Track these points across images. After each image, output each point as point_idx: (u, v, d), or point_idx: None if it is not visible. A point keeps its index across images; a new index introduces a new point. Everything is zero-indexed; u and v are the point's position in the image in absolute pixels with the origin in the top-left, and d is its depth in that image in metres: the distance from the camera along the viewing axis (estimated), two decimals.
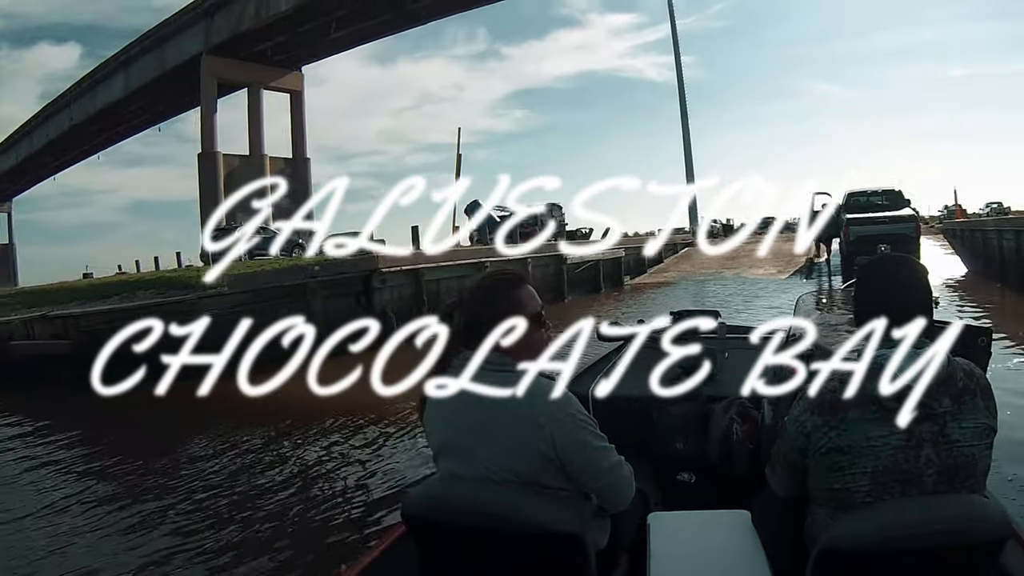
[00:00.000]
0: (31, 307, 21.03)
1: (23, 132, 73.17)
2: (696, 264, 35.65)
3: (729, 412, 3.06)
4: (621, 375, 3.90)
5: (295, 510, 6.61)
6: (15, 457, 9.79)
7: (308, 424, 10.00)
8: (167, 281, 19.23)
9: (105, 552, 5.85)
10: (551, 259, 26.00)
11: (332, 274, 17.17)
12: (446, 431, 2.13)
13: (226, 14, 44.71)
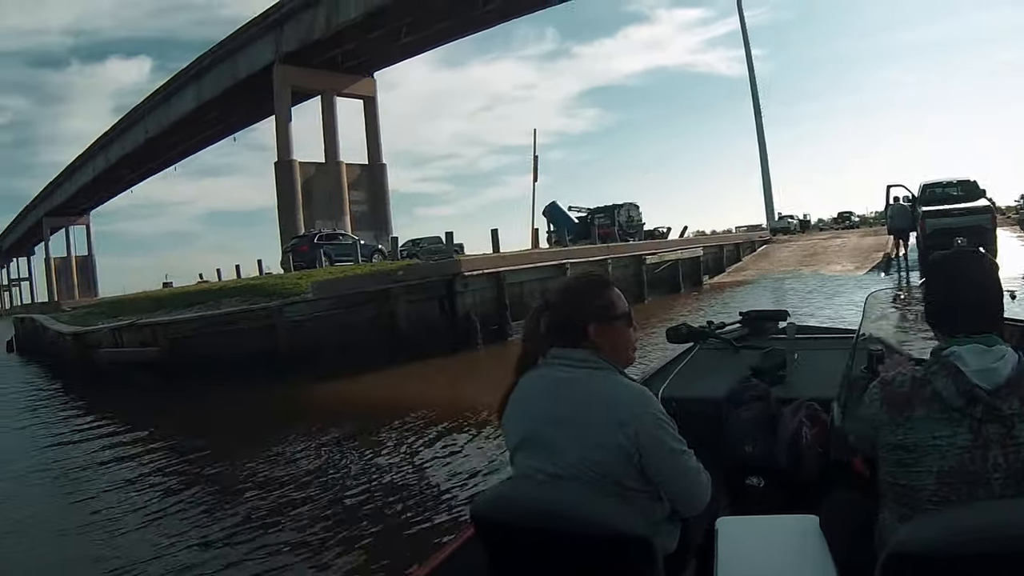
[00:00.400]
0: (116, 316, 21.81)
1: (99, 146, 75.32)
2: (774, 262, 35.42)
3: (798, 415, 3.00)
4: (690, 377, 3.89)
5: (368, 510, 6.78)
6: (117, 457, 10.20)
7: (387, 425, 10.18)
8: (251, 288, 19.79)
9: (186, 541, 6.30)
10: (630, 259, 26.02)
11: (415, 279, 17.29)
12: (529, 424, 2.16)
13: (296, 24, 45.21)
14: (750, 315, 4.61)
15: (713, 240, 39.06)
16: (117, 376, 17.23)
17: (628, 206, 37.68)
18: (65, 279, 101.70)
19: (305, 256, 29.40)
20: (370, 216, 48.82)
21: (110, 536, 6.70)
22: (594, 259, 23.39)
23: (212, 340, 16.20)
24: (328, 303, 16.49)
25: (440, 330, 17.22)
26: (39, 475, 9.54)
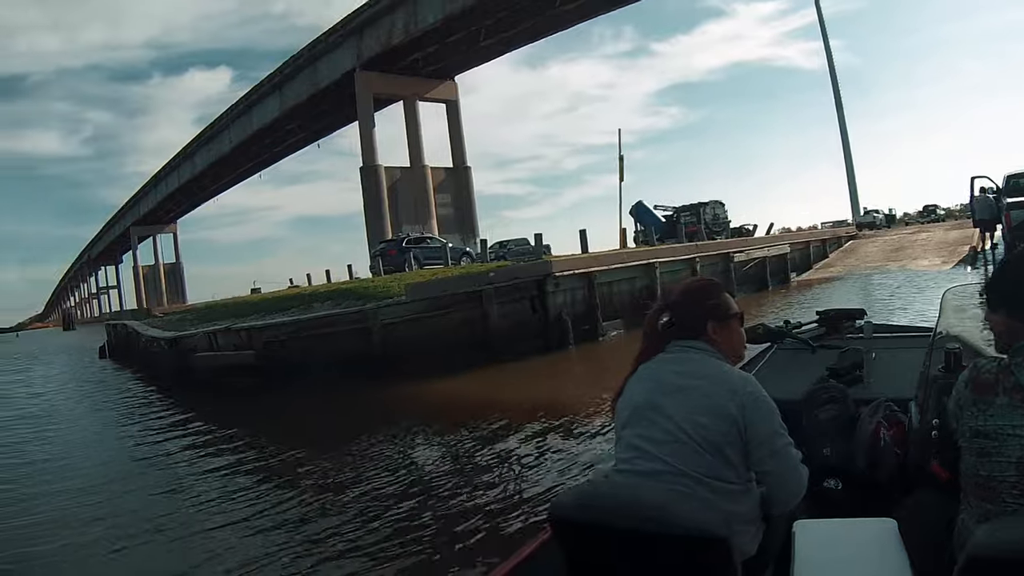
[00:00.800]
0: (209, 321, 22.52)
1: (184, 155, 77.54)
2: (860, 258, 35.10)
3: (876, 416, 3.00)
4: (767, 379, 3.57)
5: (451, 509, 6.95)
6: (213, 456, 10.66)
7: (478, 425, 10.32)
8: (343, 292, 20.40)
9: (275, 539, 6.61)
10: (718, 257, 26.04)
11: (507, 280, 17.58)
12: (644, 395, 2.27)
13: (375, 30, 45.72)
14: (827, 314, 4.65)
15: (799, 237, 38.83)
16: (212, 379, 17.81)
17: (713, 204, 37.59)
18: (154, 286, 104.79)
19: (394, 260, 29.98)
20: (456, 219, 49.28)
21: (208, 531, 7.10)
22: (682, 258, 23.49)
23: (306, 343, 16.59)
24: (421, 305, 16.87)
25: (532, 330, 17.48)
26: (140, 476, 9.97)
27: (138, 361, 28.38)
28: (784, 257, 31.59)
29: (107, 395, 20.73)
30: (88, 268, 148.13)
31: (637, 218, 36.00)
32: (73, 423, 15.62)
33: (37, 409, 18.92)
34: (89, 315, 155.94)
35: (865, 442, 2.92)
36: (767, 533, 2.29)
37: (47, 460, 11.42)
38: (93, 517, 7.84)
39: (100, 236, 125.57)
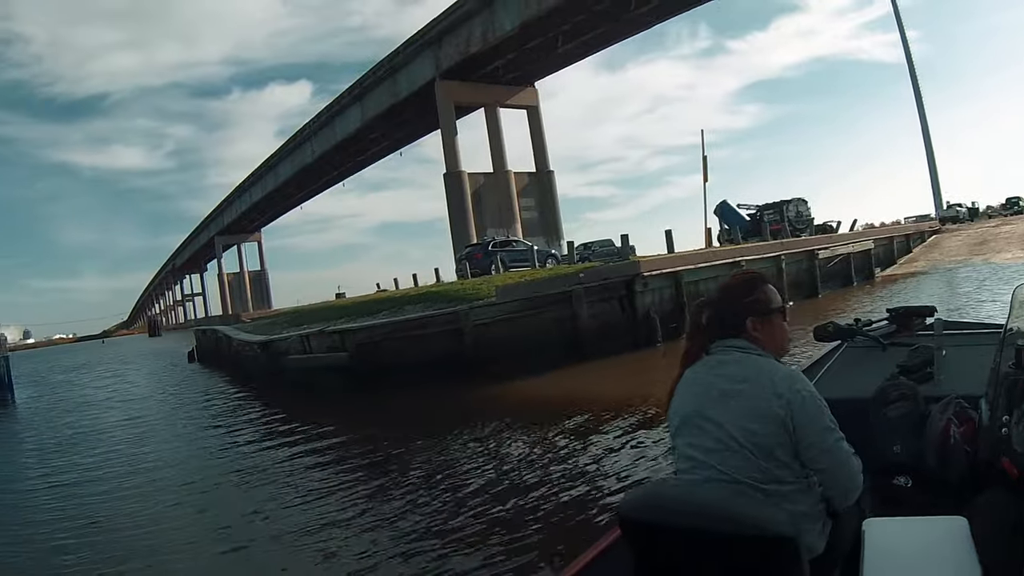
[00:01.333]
0: (299, 325, 23.34)
1: (267, 166, 79.71)
2: (944, 252, 34.99)
3: (946, 413, 2.95)
4: (838, 376, 3.92)
5: (531, 504, 7.16)
6: (310, 454, 11.21)
7: (566, 423, 10.63)
8: (432, 295, 21.03)
9: (360, 534, 7.02)
10: (803, 254, 26.16)
11: (596, 280, 18.04)
12: (692, 403, 2.32)
13: (453, 39, 46.27)
14: (897, 311, 4.68)
15: (883, 232, 38.53)
16: (305, 380, 18.52)
17: (796, 201, 37.29)
18: (238, 293, 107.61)
19: (480, 263, 30.53)
20: (540, 222, 49.52)
21: (310, 526, 7.44)
22: (767, 255, 23.76)
23: (399, 344, 16.96)
24: (512, 306, 17.37)
25: (621, 329, 17.88)
26: (241, 473, 10.46)
27: (228, 365, 29.40)
28: (868, 253, 31.45)
29: (201, 397, 21.76)
30: (173, 276, 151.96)
31: (722, 217, 35.90)
32: (175, 425, 16.43)
33: (139, 410, 19.95)
34: (174, 322, 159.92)
35: (935, 440, 2.91)
36: (835, 531, 2.32)
37: (155, 460, 12.10)
38: (200, 514, 8.49)
39: (185, 245, 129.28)
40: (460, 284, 23.84)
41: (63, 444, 14.94)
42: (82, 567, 6.76)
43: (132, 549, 7.11)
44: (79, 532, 7.97)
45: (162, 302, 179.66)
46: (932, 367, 3.64)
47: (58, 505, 9.57)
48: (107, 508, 9.01)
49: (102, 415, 19.81)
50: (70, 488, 10.50)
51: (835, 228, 37.34)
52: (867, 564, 2.20)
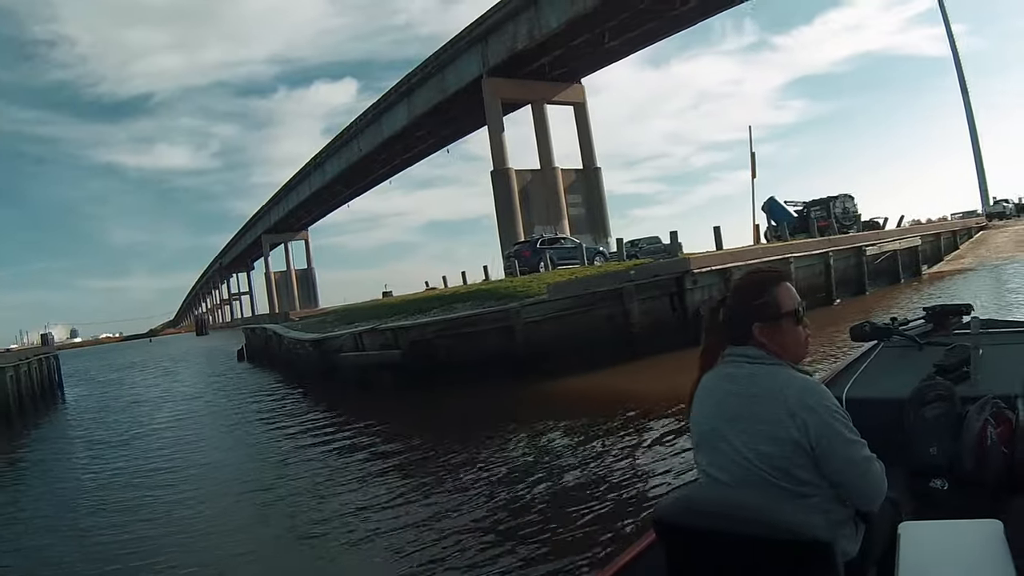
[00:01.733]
0: (350, 323, 23.84)
1: (314, 164, 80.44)
2: (991, 249, 34.89)
3: (983, 414, 2.91)
4: (874, 377, 3.92)
5: (568, 505, 7.23)
6: (365, 446, 11.72)
7: (615, 421, 10.75)
8: (483, 293, 21.28)
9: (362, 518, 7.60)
10: (851, 251, 26.05)
11: (647, 277, 18.24)
12: (707, 422, 2.28)
13: (499, 37, 46.53)
14: (934, 310, 4.63)
15: (930, 228, 38.13)
16: (358, 377, 18.96)
17: (843, 197, 37.03)
18: (285, 291, 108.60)
19: (528, 260, 30.83)
20: (587, 219, 49.75)
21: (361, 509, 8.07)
22: (815, 252, 23.77)
23: (451, 342, 17.41)
24: (564, 303, 17.51)
25: (671, 327, 17.90)
26: (299, 464, 11.04)
27: (278, 363, 30.07)
28: (915, 250, 31.33)
29: (253, 396, 22.18)
30: (220, 275, 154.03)
31: (770, 214, 35.82)
32: (229, 423, 16.82)
33: (191, 409, 20.59)
34: (221, 320, 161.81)
35: (972, 441, 2.87)
36: (870, 535, 2.30)
37: (211, 461, 12.37)
38: (261, 513, 8.66)
39: (232, 244, 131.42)
40: (510, 282, 23.94)
41: (114, 443, 15.33)
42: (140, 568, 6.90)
43: (191, 551, 7.25)
44: (137, 531, 8.22)
45: (209, 301, 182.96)
46: (969, 367, 3.63)
47: (117, 499, 9.96)
48: (165, 508, 9.19)
49: (154, 413, 20.58)
50: (128, 487, 10.78)
51: (882, 224, 37.10)
52: (902, 568, 2.19)
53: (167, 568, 6.86)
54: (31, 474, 13.22)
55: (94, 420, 20.67)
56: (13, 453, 15.62)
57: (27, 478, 12.86)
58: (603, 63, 50.82)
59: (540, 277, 23.39)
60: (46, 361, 32.08)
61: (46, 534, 8.67)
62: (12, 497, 11.20)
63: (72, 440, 17.03)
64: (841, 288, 23.88)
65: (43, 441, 17.61)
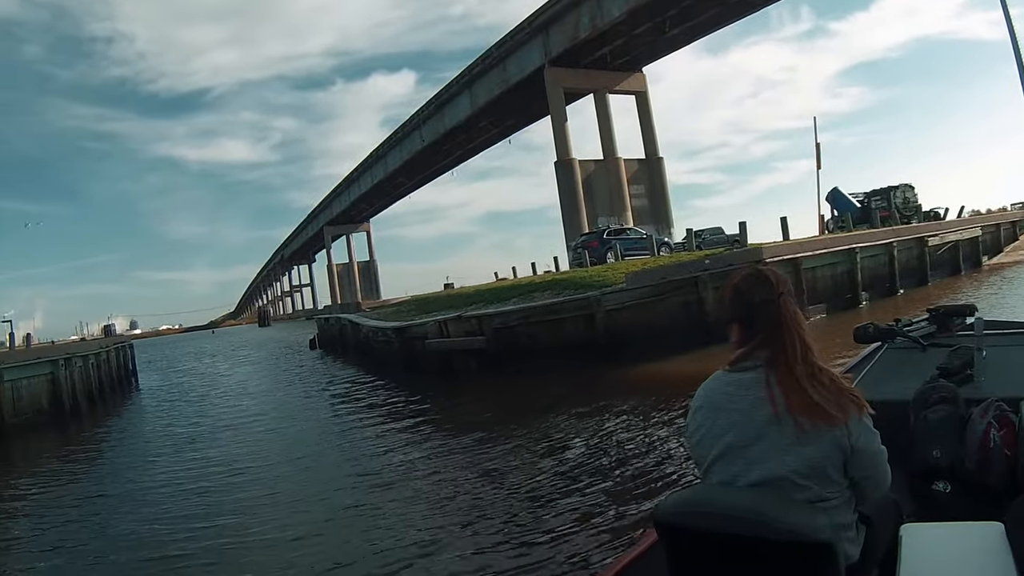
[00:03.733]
0: (427, 312, 24.61)
1: (376, 156, 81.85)
2: None
3: (987, 416, 2.97)
4: (878, 378, 3.94)
5: (638, 485, 7.45)
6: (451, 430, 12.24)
7: (679, 404, 10.85)
8: (560, 283, 21.92)
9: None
10: (913, 242, 26.24)
11: (721, 266, 18.61)
12: (735, 432, 2.19)
13: (560, 26, 46.80)
14: (938, 311, 4.70)
15: (990, 219, 37.87)
16: (442, 364, 19.62)
17: (903, 187, 36.58)
18: (348, 283, 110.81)
19: (596, 251, 31.41)
20: (650, 210, 50.44)
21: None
22: (879, 243, 24.02)
23: (533, 329, 18.22)
24: (641, 292, 18.08)
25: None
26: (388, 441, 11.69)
27: (352, 351, 31.27)
28: (976, 240, 31.24)
29: (335, 382, 23.01)
30: (281, 268, 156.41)
31: (833, 204, 35.83)
32: (316, 410, 17.49)
33: (271, 396, 21.63)
34: (282, 312, 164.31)
35: (975, 444, 2.92)
36: (872, 537, 2.30)
37: (304, 450, 12.35)
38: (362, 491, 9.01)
39: (293, 237, 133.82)
40: (585, 271, 24.51)
41: (195, 435, 15.62)
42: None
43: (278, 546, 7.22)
44: (220, 522, 8.24)
45: (269, 293, 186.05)
46: (972, 368, 3.72)
47: (202, 488, 10.17)
48: (250, 497, 9.28)
49: (237, 402, 21.37)
50: (224, 475, 10.94)
51: (942, 215, 36.94)
52: (904, 570, 2.23)
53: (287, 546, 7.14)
54: (116, 458, 14.14)
55: (170, 408, 21.89)
56: (102, 440, 16.61)
57: (112, 462, 13.68)
58: (664, 52, 50.79)
59: (614, 267, 24.03)
60: (122, 350, 33.85)
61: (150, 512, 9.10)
62: (98, 479, 12.07)
63: (149, 428, 17.88)
64: (904, 278, 24.19)
65: (131, 428, 18.58)
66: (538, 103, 50.98)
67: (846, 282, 21.63)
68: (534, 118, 58.68)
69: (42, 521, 9.26)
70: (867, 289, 22.03)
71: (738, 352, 2.27)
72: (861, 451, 2.12)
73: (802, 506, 2.05)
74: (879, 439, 2.19)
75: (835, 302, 20.70)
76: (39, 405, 20.48)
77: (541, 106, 50.87)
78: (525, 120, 61.17)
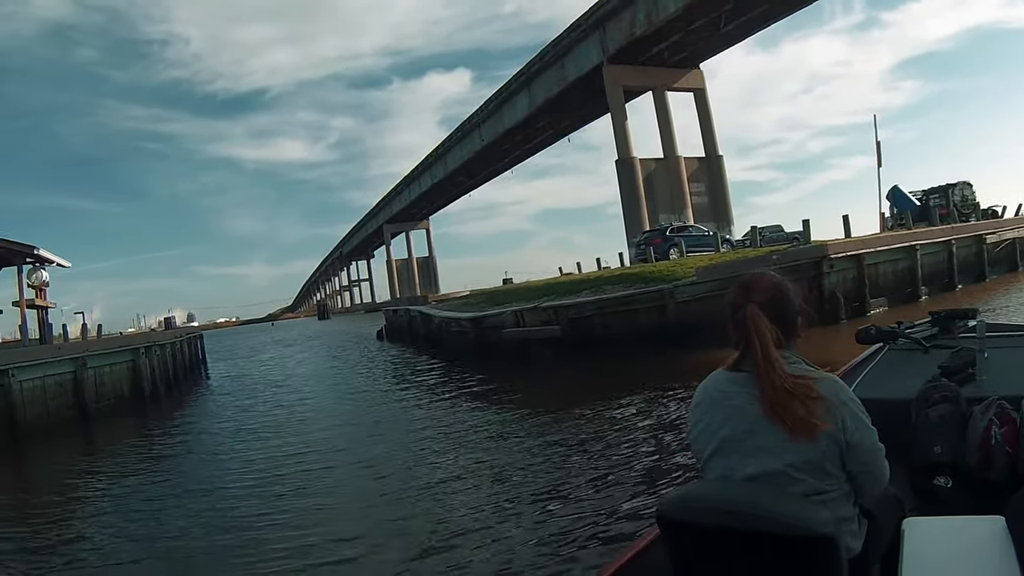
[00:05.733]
0: (499, 303, 25.25)
1: (436, 156, 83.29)
2: None
3: (988, 414, 3.02)
4: (880, 378, 4.02)
5: (579, 494, 7.47)
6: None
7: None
8: (629, 276, 22.69)
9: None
10: (971, 239, 26.19)
11: (788, 261, 19.30)
12: (730, 426, 2.24)
13: (616, 23, 47.31)
14: (939, 314, 4.80)
15: None
16: (518, 352, 20.26)
17: (961, 185, 36.08)
18: (407, 279, 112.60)
19: (659, 248, 31.93)
20: (710, 207, 50.82)
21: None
22: (939, 240, 24.15)
23: (608, 319, 19.09)
24: (711, 285, 18.48)
25: (809, 307, 18.69)
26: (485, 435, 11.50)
27: (421, 341, 32.10)
28: None
29: (413, 371, 23.40)
30: (339, 263, 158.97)
31: (893, 202, 35.93)
32: (397, 398, 17.51)
33: (348, 385, 22.11)
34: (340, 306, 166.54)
35: (977, 441, 2.97)
36: (874, 531, 2.31)
37: (394, 439, 12.20)
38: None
39: (352, 234, 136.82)
40: (654, 267, 25.15)
41: (278, 422, 15.81)
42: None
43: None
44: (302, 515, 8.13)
45: (327, 287, 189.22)
46: (974, 368, 3.80)
47: (277, 477, 10.23)
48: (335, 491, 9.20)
49: (319, 390, 22.02)
50: (301, 465, 10.87)
51: (1000, 213, 36.69)
52: (906, 564, 2.24)
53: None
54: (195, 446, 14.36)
55: (246, 396, 22.36)
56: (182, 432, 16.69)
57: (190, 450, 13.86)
58: (720, 48, 51.17)
59: (681, 262, 24.66)
60: (193, 340, 35.10)
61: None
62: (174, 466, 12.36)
63: (221, 418, 18.02)
64: (963, 274, 24.35)
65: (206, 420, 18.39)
66: (596, 101, 51.46)
67: (907, 277, 22.01)
68: (591, 117, 59.29)
69: (132, 506, 9.42)
70: (927, 284, 22.28)
71: (737, 353, 2.35)
72: (856, 446, 2.18)
73: (804, 500, 2.10)
74: (876, 435, 2.25)
75: (896, 296, 21.14)
76: (120, 392, 21.25)
77: (599, 104, 51.43)
78: (582, 119, 61.73)
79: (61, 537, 8.30)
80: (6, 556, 7.76)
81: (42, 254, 26.16)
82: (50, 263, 27.22)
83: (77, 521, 9.02)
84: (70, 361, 19.13)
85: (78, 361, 19.27)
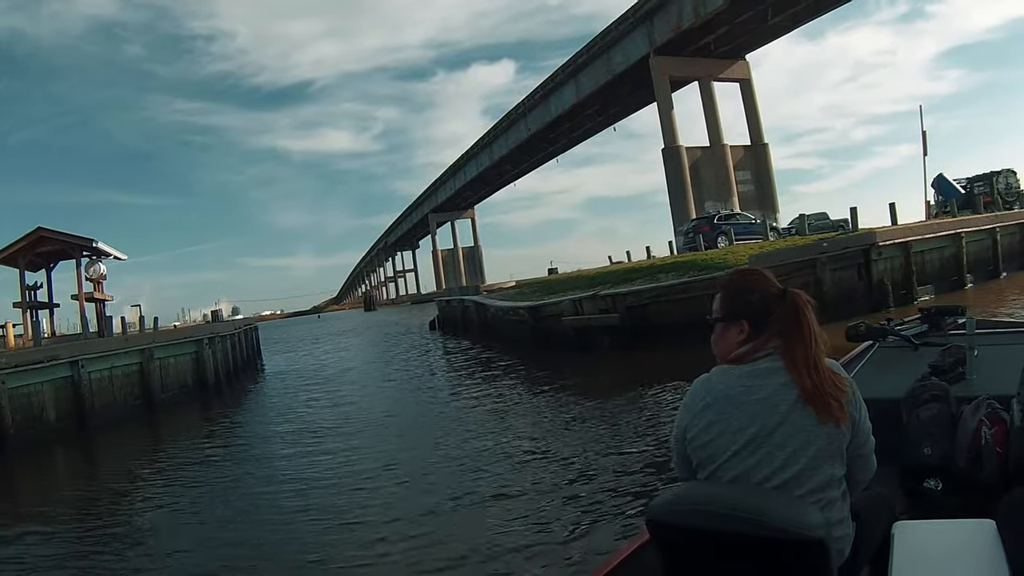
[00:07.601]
0: (553, 293, 25.75)
1: (482, 145, 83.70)
2: None
3: (978, 414, 2.99)
4: (869, 377, 3.96)
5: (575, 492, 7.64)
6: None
7: None
8: (684, 264, 22.99)
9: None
10: (1016, 227, 26.16)
11: (837, 249, 19.83)
12: (760, 422, 2.17)
13: (664, 15, 47.58)
14: (929, 311, 4.82)
15: None
16: (576, 340, 20.75)
17: (1005, 173, 35.86)
18: (452, 269, 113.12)
19: (707, 236, 32.13)
20: (756, 195, 50.84)
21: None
22: (984, 228, 24.28)
23: (664, 307, 19.37)
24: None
25: (858, 294, 19.53)
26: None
27: (475, 331, 32.65)
28: None
29: (474, 362, 23.38)
30: (384, 254, 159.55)
31: (938, 190, 35.82)
32: (466, 385, 17.90)
33: (410, 375, 22.46)
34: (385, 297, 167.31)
35: (967, 441, 2.93)
36: (864, 533, 2.31)
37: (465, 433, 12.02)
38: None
39: (397, 224, 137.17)
40: (705, 255, 25.43)
41: (338, 417, 15.66)
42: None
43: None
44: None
45: (372, 278, 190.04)
46: (964, 367, 3.76)
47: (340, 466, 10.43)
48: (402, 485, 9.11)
49: (381, 385, 21.65)
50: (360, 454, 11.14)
51: None
52: (896, 567, 2.23)
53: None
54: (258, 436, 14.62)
55: (301, 388, 22.59)
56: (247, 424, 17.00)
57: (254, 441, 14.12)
58: (767, 39, 51.29)
59: (732, 250, 24.99)
60: (249, 332, 35.72)
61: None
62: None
63: (274, 412, 18.12)
64: (1008, 262, 24.42)
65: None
66: (641, 91, 51.92)
67: (952, 265, 22.18)
68: (637, 106, 59.63)
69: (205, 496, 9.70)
70: (971, 272, 22.48)
71: (748, 346, 2.28)
72: (859, 424, 2.22)
73: (795, 503, 2.06)
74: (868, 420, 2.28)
75: (941, 284, 21.35)
76: (184, 382, 21.99)
77: (644, 94, 51.84)
78: (628, 108, 62.03)
79: (126, 518, 9.02)
80: (74, 535, 8.36)
81: (100, 247, 27.03)
82: (107, 256, 28.15)
83: (146, 509, 9.53)
84: (137, 352, 19.90)
85: (145, 353, 20.02)
